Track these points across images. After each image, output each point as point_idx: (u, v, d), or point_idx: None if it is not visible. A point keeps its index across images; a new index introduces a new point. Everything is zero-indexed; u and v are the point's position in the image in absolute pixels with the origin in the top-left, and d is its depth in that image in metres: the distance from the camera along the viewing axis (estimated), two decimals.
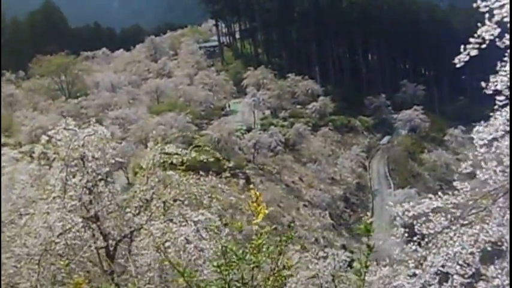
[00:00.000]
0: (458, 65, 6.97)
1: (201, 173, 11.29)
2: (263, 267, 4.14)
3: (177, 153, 11.07)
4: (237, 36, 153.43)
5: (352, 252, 47.68)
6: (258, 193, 4.31)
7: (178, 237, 9.07)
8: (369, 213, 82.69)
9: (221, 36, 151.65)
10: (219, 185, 11.73)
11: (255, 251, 4.02)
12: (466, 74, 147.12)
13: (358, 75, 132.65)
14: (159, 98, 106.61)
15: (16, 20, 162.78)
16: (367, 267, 4.01)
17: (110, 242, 9.88)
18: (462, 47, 6.86)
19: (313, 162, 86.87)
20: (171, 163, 11.22)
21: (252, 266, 4.04)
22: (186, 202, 10.64)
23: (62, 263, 9.38)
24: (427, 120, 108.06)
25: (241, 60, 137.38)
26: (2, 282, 9.45)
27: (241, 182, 69.94)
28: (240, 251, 4.07)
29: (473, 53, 6.88)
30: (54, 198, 9.37)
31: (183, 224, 9.50)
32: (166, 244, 9.09)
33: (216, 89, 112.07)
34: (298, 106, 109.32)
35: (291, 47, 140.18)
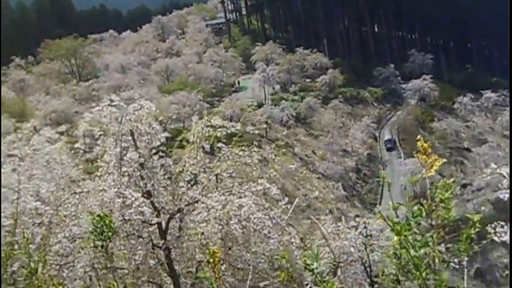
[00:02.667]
0: None
1: (254, 143, 11.05)
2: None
3: (223, 126, 10.80)
4: (244, 12, 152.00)
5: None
6: (426, 144, 4.01)
7: (240, 208, 8.88)
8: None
9: (228, 13, 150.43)
10: (271, 156, 11.50)
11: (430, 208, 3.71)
12: (472, 42, 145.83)
13: (366, 46, 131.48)
14: (169, 77, 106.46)
15: (22, 5, 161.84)
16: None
17: (163, 217, 9.66)
18: None
19: (325, 135, 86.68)
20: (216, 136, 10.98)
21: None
22: (236, 174, 10.44)
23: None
24: (436, 89, 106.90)
25: (248, 36, 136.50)
26: (55, 263, 9.27)
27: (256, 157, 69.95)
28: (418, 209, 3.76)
29: None
30: (109, 174, 9.15)
31: (243, 195, 9.30)
32: (228, 216, 8.90)
33: (225, 65, 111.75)
34: (308, 80, 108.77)
35: (298, 21, 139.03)
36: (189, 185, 10.00)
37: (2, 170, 11.73)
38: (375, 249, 14.47)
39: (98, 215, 5.86)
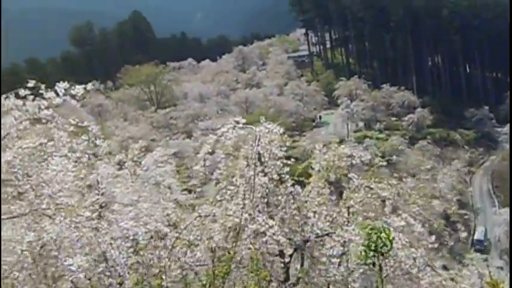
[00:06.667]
0: None
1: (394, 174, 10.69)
2: None
3: (350, 156, 10.49)
4: (328, 45, 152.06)
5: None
6: None
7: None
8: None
9: (311, 46, 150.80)
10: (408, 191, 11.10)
11: None
12: None
13: (457, 86, 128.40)
14: (248, 108, 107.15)
15: (104, 30, 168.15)
16: None
17: (287, 249, 9.33)
18: None
19: (411, 177, 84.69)
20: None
21: None
22: (365, 207, 10.07)
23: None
24: None
25: (332, 70, 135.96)
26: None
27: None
28: None
29: None
30: (241, 198, 8.90)
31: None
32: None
33: (307, 99, 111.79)
34: (394, 118, 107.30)
35: (385, 56, 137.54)
36: (315, 217, 9.68)
37: (114, 189, 11.75)
38: None
39: (372, 228, 5.53)
